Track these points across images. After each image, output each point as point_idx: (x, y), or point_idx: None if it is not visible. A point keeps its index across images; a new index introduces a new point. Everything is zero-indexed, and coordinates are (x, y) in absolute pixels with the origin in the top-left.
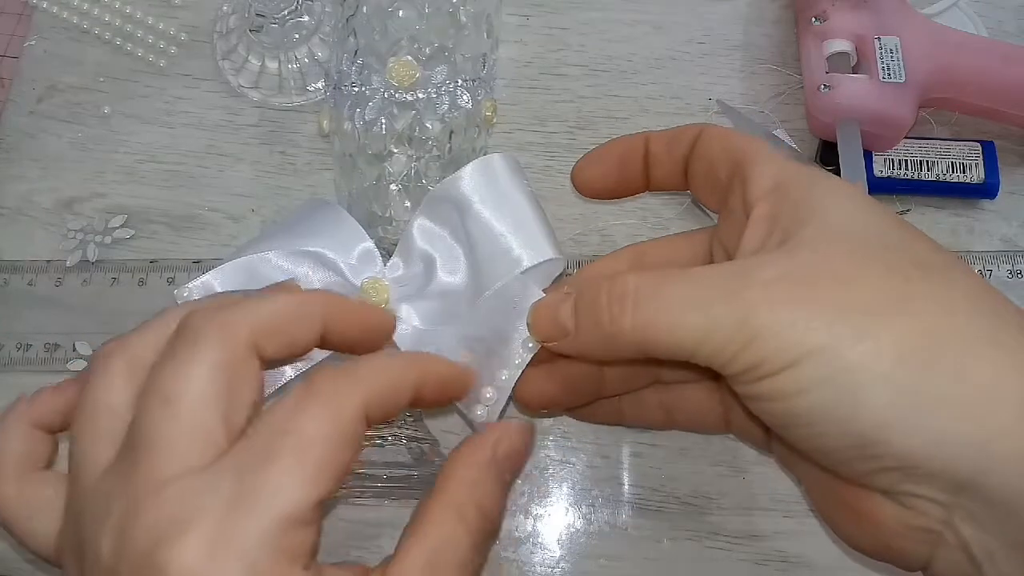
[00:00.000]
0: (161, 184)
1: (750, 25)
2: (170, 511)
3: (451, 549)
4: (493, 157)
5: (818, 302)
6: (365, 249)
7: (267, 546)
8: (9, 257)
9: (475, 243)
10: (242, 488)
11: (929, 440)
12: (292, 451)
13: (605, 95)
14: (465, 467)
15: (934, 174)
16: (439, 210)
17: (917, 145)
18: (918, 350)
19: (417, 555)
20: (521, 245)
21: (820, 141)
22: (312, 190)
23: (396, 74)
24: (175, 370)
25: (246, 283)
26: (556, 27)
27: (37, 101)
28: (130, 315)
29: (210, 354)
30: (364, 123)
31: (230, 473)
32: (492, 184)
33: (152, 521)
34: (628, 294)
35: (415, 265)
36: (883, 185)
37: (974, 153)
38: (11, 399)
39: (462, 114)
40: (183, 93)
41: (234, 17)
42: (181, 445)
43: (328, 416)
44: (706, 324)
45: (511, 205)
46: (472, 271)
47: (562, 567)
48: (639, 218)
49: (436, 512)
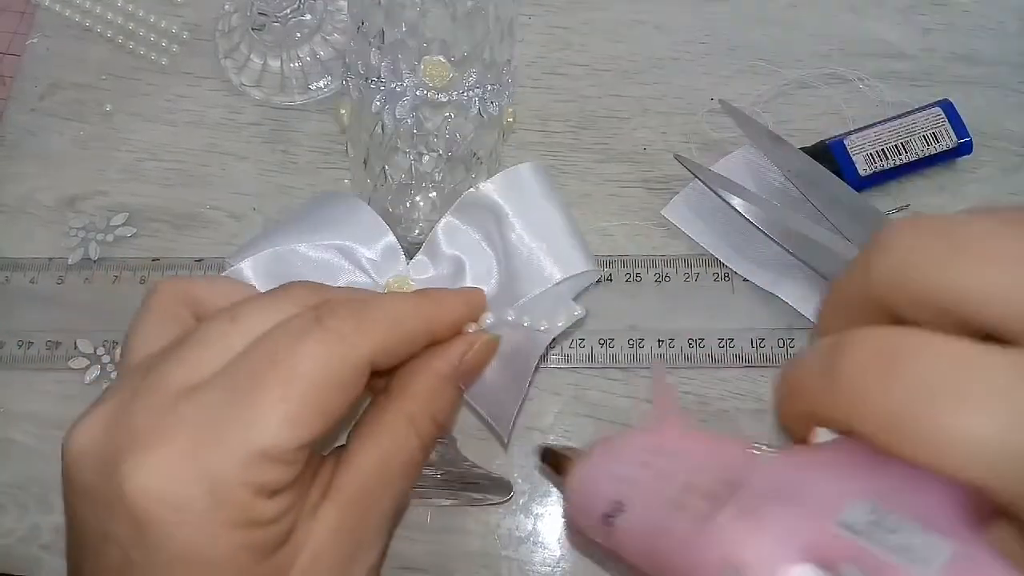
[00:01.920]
0: (163, 182)
1: (751, 25)
2: (146, 422)
3: (403, 453)
4: (526, 166)
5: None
6: (389, 244)
7: (234, 477)
8: (11, 255)
9: (510, 254)
10: (222, 413)
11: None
12: (280, 384)
13: (607, 95)
14: (424, 376)
15: (912, 153)
16: (472, 214)
17: (886, 130)
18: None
19: (371, 454)
20: (556, 261)
21: (820, 141)
22: (313, 188)
23: (430, 73)
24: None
25: (279, 274)
26: (558, 27)
27: (39, 99)
28: (132, 313)
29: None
30: (395, 120)
31: (216, 392)
32: (527, 193)
33: (128, 428)
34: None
35: (443, 266)
36: (871, 181)
37: (939, 119)
38: (12, 398)
39: (488, 118)
40: (185, 91)
41: (236, 15)
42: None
43: (326, 357)
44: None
45: (546, 217)
46: (504, 281)
47: (562, 567)
48: (641, 218)
49: (391, 418)
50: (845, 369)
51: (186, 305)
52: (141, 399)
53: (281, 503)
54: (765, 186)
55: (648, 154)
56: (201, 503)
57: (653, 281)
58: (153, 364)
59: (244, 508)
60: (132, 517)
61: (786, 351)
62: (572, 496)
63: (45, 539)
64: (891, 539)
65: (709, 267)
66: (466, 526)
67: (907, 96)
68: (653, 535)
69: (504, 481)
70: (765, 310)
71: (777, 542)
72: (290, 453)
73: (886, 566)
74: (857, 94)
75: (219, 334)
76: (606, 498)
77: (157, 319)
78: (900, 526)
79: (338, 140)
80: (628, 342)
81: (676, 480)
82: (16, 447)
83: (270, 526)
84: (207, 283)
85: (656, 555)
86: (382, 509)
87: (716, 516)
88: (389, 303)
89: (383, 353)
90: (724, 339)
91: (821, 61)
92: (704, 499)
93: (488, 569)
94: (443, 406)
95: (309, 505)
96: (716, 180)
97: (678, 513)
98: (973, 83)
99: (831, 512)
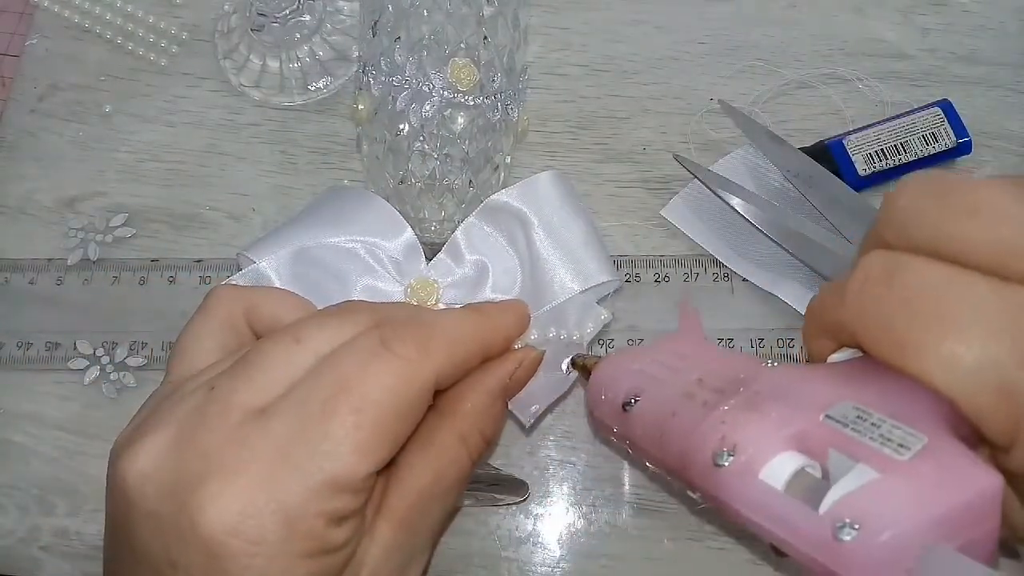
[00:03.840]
0: (162, 183)
1: (751, 25)
2: (216, 448)
3: (454, 470)
4: (547, 175)
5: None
6: (409, 241)
7: (308, 507)
8: (10, 256)
9: (535, 262)
10: (294, 441)
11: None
12: (352, 411)
13: (606, 95)
14: (476, 395)
15: (912, 153)
16: (496, 218)
17: (885, 130)
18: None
19: (424, 474)
20: (576, 272)
21: (820, 141)
22: (313, 189)
23: (457, 75)
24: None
25: (302, 275)
26: (557, 27)
27: (38, 100)
28: (131, 314)
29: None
30: (421, 120)
31: (286, 418)
32: (548, 202)
33: (198, 454)
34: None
35: (466, 268)
36: (871, 181)
37: (938, 118)
38: (11, 399)
39: (506, 123)
40: (184, 92)
41: (235, 16)
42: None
43: (394, 382)
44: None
45: (567, 226)
46: (528, 288)
47: (562, 567)
48: (641, 218)
49: (443, 436)
50: (852, 283)
51: (243, 314)
52: (209, 423)
53: (348, 529)
54: (764, 186)
55: (647, 154)
56: (276, 534)
57: (653, 281)
58: (217, 382)
59: (317, 538)
60: (206, 549)
61: (786, 351)
62: (595, 389)
63: (44, 540)
64: (873, 431)
65: (708, 267)
66: (466, 527)
67: (907, 96)
68: (663, 418)
69: (520, 482)
70: (764, 310)
71: (769, 430)
72: (361, 481)
73: (867, 451)
74: (856, 94)
75: (284, 354)
76: (625, 389)
77: (215, 326)
78: (882, 420)
79: (338, 140)
80: (628, 342)
81: (690, 376)
82: (15, 448)
83: (339, 552)
84: (265, 294)
85: (664, 435)
86: (432, 523)
87: (722, 405)
88: (449, 324)
89: (446, 375)
90: (724, 339)
91: (821, 61)
92: (712, 392)
93: (488, 570)
94: (492, 423)
95: (366, 524)
96: (715, 180)
97: (688, 401)
98: (973, 83)
99: (822, 409)
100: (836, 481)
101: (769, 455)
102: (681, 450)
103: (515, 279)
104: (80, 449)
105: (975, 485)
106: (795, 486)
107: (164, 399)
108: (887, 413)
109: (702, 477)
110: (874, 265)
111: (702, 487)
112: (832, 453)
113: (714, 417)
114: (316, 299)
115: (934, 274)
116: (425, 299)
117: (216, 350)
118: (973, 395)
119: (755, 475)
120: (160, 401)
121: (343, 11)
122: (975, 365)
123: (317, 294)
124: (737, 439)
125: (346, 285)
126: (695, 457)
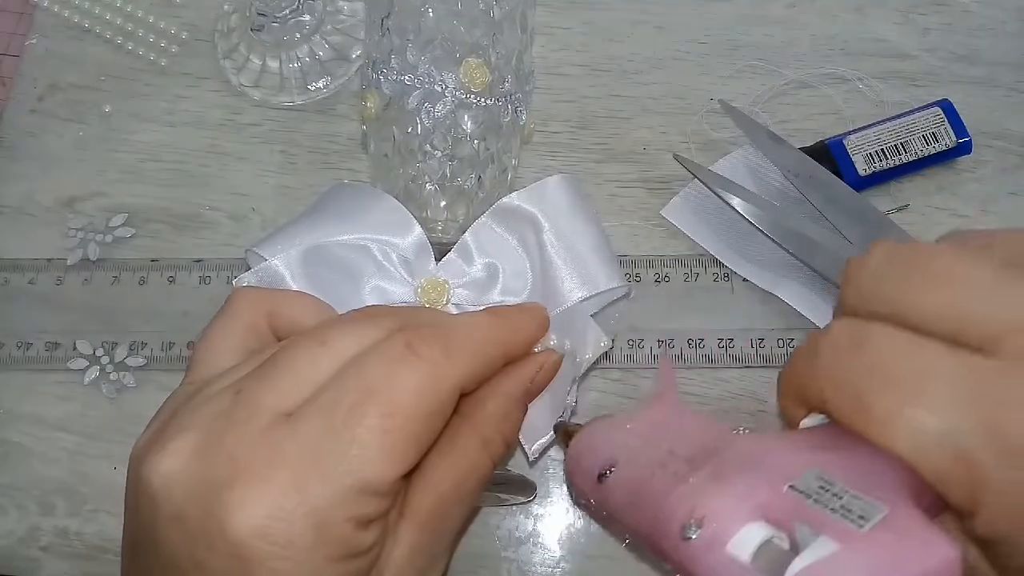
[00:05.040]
0: (162, 183)
1: (751, 25)
2: (244, 452)
3: (476, 473)
4: (556, 179)
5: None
6: (418, 239)
7: (337, 511)
8: (10, 256)
9: (547, 265)
10: (322, 445)
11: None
12: (380, 416)
13: (607, 95)
14: (497, 398)
15: (912, 153)
16: (508, 220)
17: (886, 130)
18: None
19: (446, 477)
20: (583, 278)
21: (820, 141)
22: (313, 189)
23: (470, 76)
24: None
25: (314, 274)
26: (558, 27)
27: (38, 100)
28: (131, 314)
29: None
30: (433, 119)
31: (314, 422)
32: (557, 206)
33: (226, 457)
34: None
35: (476, 269)
36: (871, 181)
37: (938, 118)
38: (11, 399)
39: (514, 125)
40: (184, 92)
41: (235, 16)
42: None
43: (421, 386)
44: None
45: (576, 231)
46: (538, 291)
47: (562, 567)
48: (641, 218)
49: (465, 440)
50: (823, 349)
51: (265, 317)
52: (236, 426)
53: (375, 532)
54: (765, 186)
55: (648, 154)
56: (305, 539)
57: (652, 281)
58: (243, 385)
59: (346, 541)
60: (235, 552)
61: (785, 351)
62: (573, 459)
63: (44, 541)
64: (835, 501)
65: (708, 267)
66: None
67: (907, 96)
68: (636, 488)
69: (528, 481)
70: (764, 310)
71: (737, 501)
72: (389, 485)
73: (828, 523)
74: (857, 94)
75: (309, 358)
76: (601, 459)
77: (238, 328)
78: (844, 492)
79: (338, 140)
80: (628, 342)
81: (662, 446)
82: (15, 448)
83: (365, 556)
84: (287, 297)
85: (636, 505)
86: (454, 526)
87: (690, 476)
88: (472, 328)
89: (470, 379)
90: (723, 339)
91: (821, 61)
92: (684, 463)
93: (488, 570)
94: (512, 426)
95: (390, 526)
96: (715, 180)
97: (660, 471)
98: (973, 83)
99: (788, 479)
100: (800, 553)
101: (736, 527)
102: (652, 522)
103: (526, 282)
104: (80, 449)
105: (932, 557)
106: (761, 558)
107: (187, 400)
108: (852, 481)
109: (673, 549)
110: (841, 333)
111: (673, 559)
112: (798, 525)
113: (682, 489)
114: (328, 298)
115: (896, 342)
116: (435, 300)
117: (238, 352)
118: (934, 462)
119: (723, 547)
120: (182, 403)
121: (343, 11)
122: (935, 432)
123: (329, 293)
124: (705, 511)
125: (358, 284)
126: (666, 528)
